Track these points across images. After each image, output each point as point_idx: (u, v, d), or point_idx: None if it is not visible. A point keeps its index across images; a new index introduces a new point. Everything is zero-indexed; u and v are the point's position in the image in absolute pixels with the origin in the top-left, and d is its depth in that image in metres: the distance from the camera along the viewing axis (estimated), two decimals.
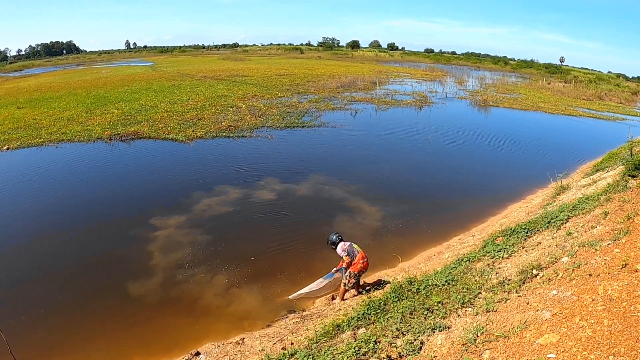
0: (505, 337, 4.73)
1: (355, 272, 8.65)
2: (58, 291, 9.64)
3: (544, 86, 56.18)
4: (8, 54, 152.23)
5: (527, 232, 8.81)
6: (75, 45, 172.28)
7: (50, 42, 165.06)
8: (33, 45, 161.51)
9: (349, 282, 8.74)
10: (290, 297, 9.24)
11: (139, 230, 12.09)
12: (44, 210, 13.71)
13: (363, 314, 6.58)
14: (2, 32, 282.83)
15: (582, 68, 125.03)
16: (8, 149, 20.01)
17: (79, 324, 8.64)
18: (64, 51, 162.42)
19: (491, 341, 4.75)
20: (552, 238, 7.82)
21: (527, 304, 5.39)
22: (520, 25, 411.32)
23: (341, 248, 8.81)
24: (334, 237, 9.05)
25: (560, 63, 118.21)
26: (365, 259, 8.72)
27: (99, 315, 8.85)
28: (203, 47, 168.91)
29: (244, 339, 7.64)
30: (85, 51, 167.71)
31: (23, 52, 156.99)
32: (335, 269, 9.21)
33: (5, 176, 16.90)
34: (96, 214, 13.39)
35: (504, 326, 4.97)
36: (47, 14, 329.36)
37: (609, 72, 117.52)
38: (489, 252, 8.22)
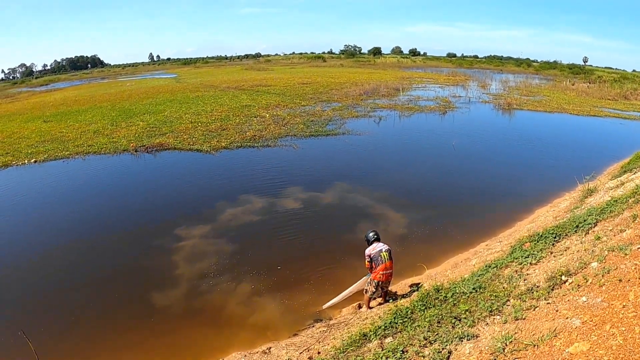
0: (534, 345, 4.66)
1: (375, 281, 8.46)
2: (85, 300, 9.90)
3: (568, 87, 55.17)
4: (34, 69, 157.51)
5: (555, 237, 8.61)
6: (99, 59, 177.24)
7: (75, 56, 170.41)
8: (58, 60, 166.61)
9: (369, 289, 8.62)
10: (323, 307, 9.23)
11: (165, 240, 12.32)
12: (72, 221, 14.14)
13: (390, 323, 6.55)
14: (28, 47, 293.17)
15: (606, 67, 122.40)
16: (36, 161, 20.68)
17: (105, 333, 8.83)
18: (89, 65, 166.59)
19: (520, 350, 4.69)
20: (581, 243, 7.67)
21: (557, 311, 5.30)
22: (541, 27, 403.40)
23: (368, 251, 8.57)
24: (370, 234, 8.84)
25: (583, 63, 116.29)
26: (388, 272, 8.45)
27: (125, 325, 9.06)
28: (226, 57, 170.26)
29: (270, 348, 7.69)
30: (110, 65, 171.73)
31: (49, 67, 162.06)
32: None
33: (33, 188, 17.44)
34: (123, 225, 13.73)
35: (533, 334, 4.90)
36: (71, 29, 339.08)
37: (634, 70, 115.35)
38: (516, 258, 8.08)
